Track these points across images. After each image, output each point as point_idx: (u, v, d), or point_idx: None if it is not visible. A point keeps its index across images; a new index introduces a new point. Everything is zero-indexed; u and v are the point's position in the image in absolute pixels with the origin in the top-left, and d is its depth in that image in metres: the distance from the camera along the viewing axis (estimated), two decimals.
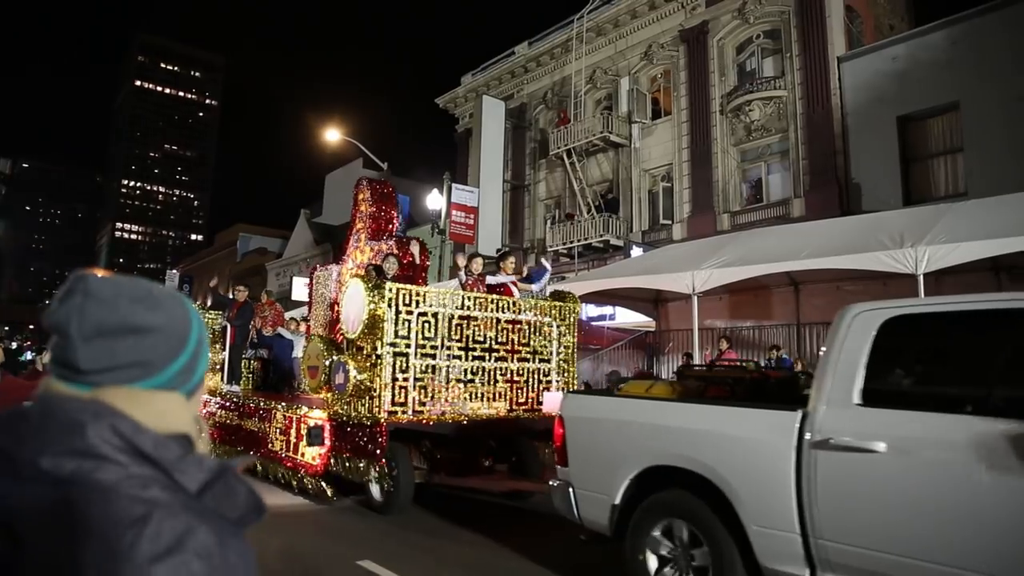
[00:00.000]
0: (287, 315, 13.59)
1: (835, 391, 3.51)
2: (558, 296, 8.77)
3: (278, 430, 8.59)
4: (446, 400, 7.32)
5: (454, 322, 7.45)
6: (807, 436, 3.48)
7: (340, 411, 7.38)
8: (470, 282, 8.52)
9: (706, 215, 19.48)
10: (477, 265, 8.71)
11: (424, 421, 7.13)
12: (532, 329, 8.14)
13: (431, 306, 7.30)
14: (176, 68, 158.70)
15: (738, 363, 9.34)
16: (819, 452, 3.42)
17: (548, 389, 8.11)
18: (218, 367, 11.03)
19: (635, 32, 22.71)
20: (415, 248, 9.50)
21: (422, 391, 7.16)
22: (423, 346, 7.23)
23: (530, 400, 8.02)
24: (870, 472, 3.26)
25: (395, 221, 10.10)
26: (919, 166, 16.17)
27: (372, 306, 6.94)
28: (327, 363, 7.82)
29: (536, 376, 8.12)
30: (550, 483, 5.03)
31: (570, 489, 4.67)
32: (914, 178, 16.18)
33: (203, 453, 0.87)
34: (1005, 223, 7.96)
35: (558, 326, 8.37)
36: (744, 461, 3.69)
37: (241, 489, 0.85)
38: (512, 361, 7.94)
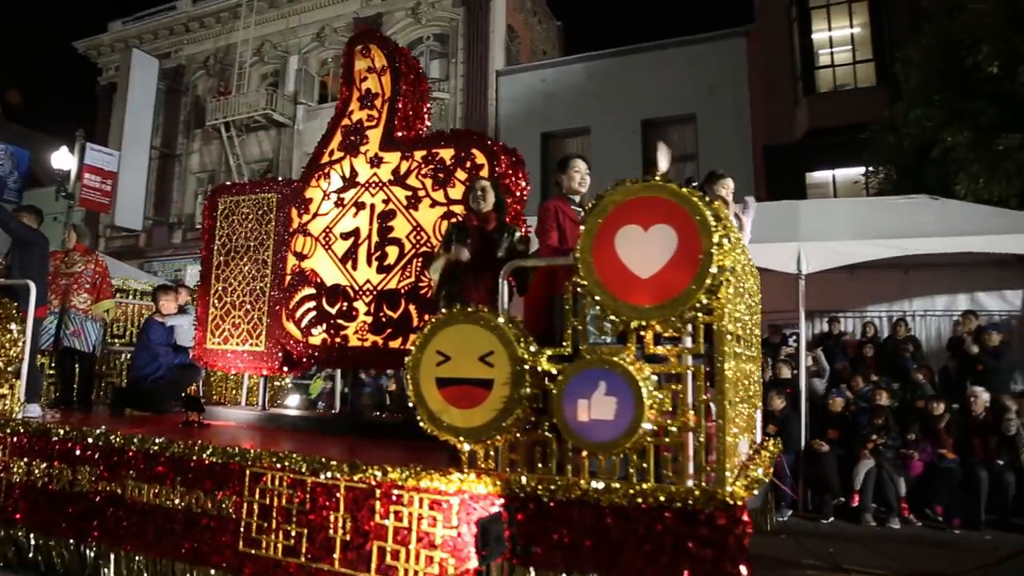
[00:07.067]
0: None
1: None
2: None
3: (283, 513, 3.86)
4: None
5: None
6: None
7: (564, 482, 3.23)
8: None
9: None
10: (727, 188, 5.03)
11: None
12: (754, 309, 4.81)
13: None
14: None
15: None
16: None
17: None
18: (10, 371, 5.36)
19: (309, 11, 22.00)
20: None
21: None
22: (736, 338, 3.66)
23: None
24: None
25: (426, 114, 6.06)
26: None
27: (713, 251, 3.03)
28: (522, 374, 3.34)
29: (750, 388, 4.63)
30: None
31: None
32: (552, 191, 17.89)
33: None
34: None
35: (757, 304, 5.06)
36: None
37: None
38: (756, 362, 4.70)
